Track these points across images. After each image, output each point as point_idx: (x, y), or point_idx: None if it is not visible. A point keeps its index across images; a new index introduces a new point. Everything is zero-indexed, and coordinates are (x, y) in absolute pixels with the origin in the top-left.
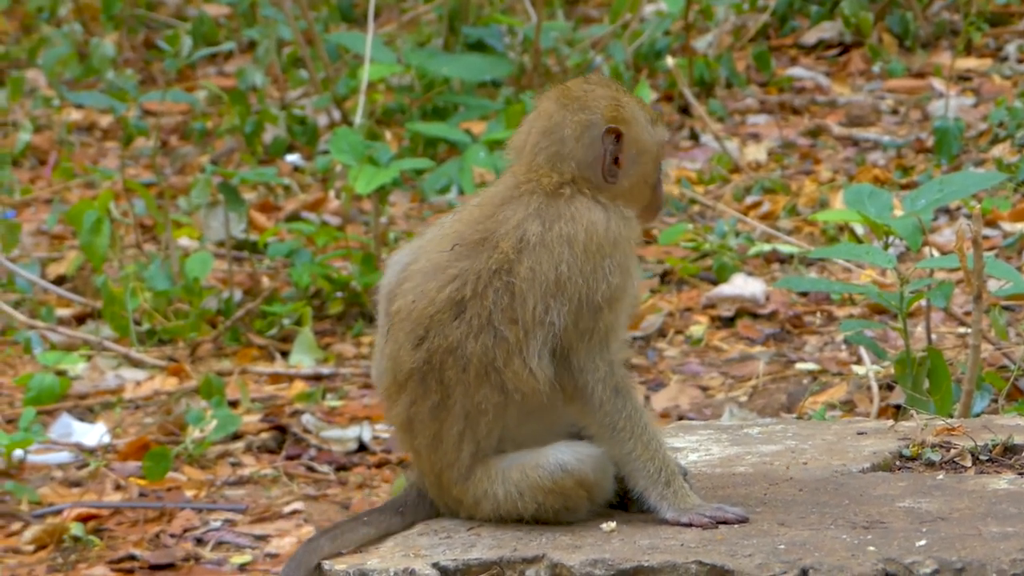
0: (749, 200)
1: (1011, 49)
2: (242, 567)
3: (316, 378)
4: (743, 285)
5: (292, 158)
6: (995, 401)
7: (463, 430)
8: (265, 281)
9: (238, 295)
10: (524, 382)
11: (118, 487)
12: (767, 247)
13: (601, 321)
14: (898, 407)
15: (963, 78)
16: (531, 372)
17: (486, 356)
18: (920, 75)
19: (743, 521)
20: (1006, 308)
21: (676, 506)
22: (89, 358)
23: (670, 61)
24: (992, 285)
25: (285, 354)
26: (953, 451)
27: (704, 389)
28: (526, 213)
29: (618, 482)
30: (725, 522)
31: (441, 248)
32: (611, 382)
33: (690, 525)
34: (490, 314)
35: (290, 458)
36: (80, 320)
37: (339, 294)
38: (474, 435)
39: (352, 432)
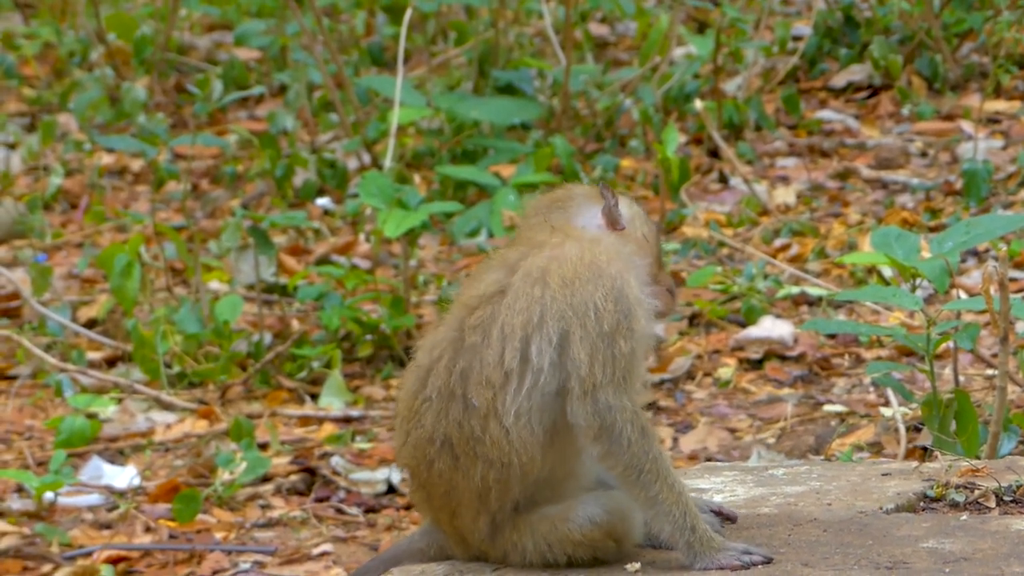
0: (778, 243)
1: None
2: None
3: (345, 420)
4: (771, 327)
5: (322, 202)
6: (1022, 443)
7: (477, 507)
8: (295, 324)
9: (268, 338)
10: (505, 452)
11: (148, 529)
12: (795, 290)
13: (617, 349)
14: (925, 449)
15: (992, 120)
16: (509, 438)
17: (462, 432)
18: (949, 117)
19: (768, 562)
20: None
21: (703, 554)
22: (120, 401)
23: (699, 104)
24: (1019, 327)
25: (315, 396)
26: (977, 492)
27: (732, 431)
28: (496, 269)
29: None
30: (752, 564)
31: None
32: (638, 423)
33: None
34: (449, 380)
35: (319, 500)
36: (111, 363)
37: (368, 337)
38: (487, 509)
39: (381, 474)
